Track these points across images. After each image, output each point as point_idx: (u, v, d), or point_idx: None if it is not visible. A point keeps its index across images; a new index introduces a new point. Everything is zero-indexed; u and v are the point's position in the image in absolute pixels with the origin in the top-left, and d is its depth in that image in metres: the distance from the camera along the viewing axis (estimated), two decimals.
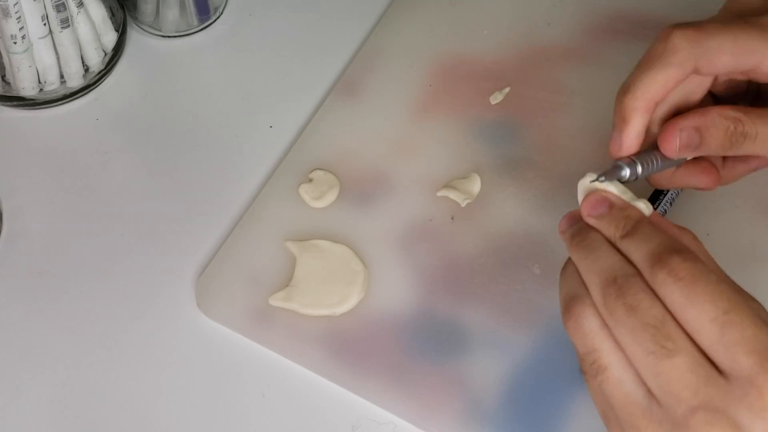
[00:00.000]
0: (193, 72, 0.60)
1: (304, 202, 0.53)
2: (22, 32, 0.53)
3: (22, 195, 0.55)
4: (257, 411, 0.48)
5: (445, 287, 0.50)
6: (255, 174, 0.55)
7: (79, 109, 0.58)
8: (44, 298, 0.51)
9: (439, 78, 0.58)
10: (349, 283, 0.50)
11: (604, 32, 0.59)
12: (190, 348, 0.50)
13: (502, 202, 0.53)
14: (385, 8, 0.61)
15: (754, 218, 0.52)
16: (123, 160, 0.56)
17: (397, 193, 0.53)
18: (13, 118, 0.58)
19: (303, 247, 0.51)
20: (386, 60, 0.58)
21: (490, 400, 0.47)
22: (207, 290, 0.51)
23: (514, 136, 0.55)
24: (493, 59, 0.58)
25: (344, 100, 0.57)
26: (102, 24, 0.57)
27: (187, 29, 0.61)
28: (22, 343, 0.50)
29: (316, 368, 0.48)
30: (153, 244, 0.53)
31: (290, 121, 0.57)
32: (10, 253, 0.53)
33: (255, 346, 0.49)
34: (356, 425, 0.47)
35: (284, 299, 0.50)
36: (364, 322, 0.49)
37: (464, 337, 0.49)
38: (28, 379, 0.49)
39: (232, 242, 0.52)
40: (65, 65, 0.56)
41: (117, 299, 0.51)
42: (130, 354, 0.50)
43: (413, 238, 0.52)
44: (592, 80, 0.57)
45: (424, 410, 0.47)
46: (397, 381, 0.48)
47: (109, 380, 0.49)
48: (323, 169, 0.54)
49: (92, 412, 0.48)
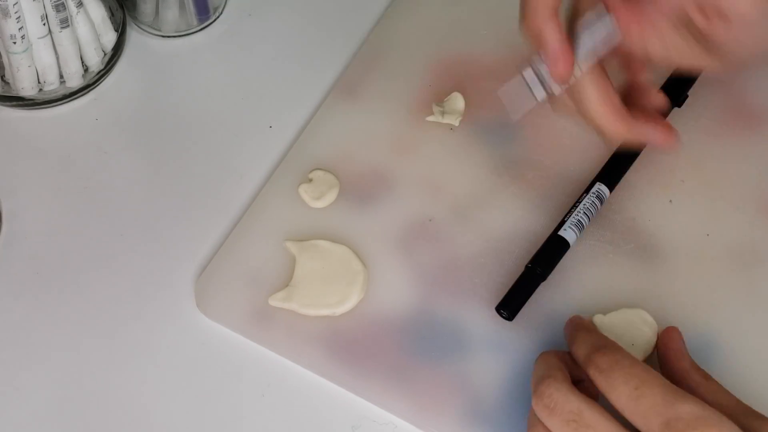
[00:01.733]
0: (193, 72, 0.60)
1: (304, 202, 0.53)
2: (21, 32, 0.53)
3: (21, 195, 0.55)
4: (257, 411, 0.48)
5: (445, 287, 0.50)
6: (255, 174, 0.55)
7: (78, 109, 0.58)
8: (44, 298, 0.51)
9: (438, 78, 0.58)
10: (349, 283, 0.50)
11: None
12: (189, 348, 0.50)
13: (502, 202, 0.53)
14: (385, 8, 0.61)
15: (754, 218, 0.52)
16: (123, 160, 0.56)
17: (396, 193, 0.53)
18: (12, 118, 0.58)
19: (303, 247, 0.51)
20: (386, 60, 0.58)
21: (490, 400, 0.47)
22: (207, 290, 0.51)
23: (514, 136, 0.55)
24: (494, 59, 0.58)
25: (344, 100, 0.57)
26: (101, 24, 0.57)
27: (186, 29, 0.61)
28: (21, 343, 0.50)
29: (316, 368, 0.48)
30: (153, 244, 0.53)
31: (290, 121, 0.57)
32: (9, 253, 0.53)
33: (254, 347, 0.49)
34: (356, 425, 0.47)
35: (284, 299, 0.50)
36: (364, 322, 0.49)
37: (464, 337, 0.49)
38: (28, 379, 0.49)
39: (232, 242, 0.52)
40: (65, 65, 0.56)
41: (116, 299, 0.51)
42: (129, 354, 0.50)
43: (413, 238, 0.52)
44: None
45: (424, 410, 0.47)
46: (397, 381, 0.48)
47: (108, 380, 0.49)
48: (323, 169, 0.54)
49: (92, 412, 0.48)
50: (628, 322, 0.48)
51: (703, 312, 0.49)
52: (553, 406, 0.39)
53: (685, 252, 0.51)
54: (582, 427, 0.38)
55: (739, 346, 0.48)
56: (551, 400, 0.40)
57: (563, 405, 0.39)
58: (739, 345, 0.48)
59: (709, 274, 0.50)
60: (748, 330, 0.49)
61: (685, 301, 0.49)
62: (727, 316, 0.49)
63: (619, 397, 0.38)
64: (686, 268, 0.51)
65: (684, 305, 0.49)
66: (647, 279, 0.50)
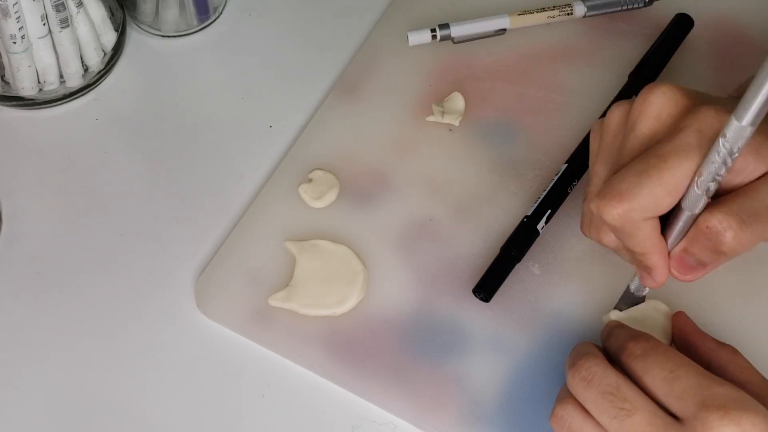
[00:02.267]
0: (193, 72, 0.60)
1: (304, 202, 0.53)
2: (21, 32, 0.53)
3: (21, 195, 0.55)
4: (257, 411, 0.48)
5: (445, 287, 0.50)
6: (255, 174, 0.55)
7: (78, 109, 0.58)
8: (44, 298, 0.51)
9: (438, 78, 0.58)
10: (349, 283, 0.50)
11: (604, 32, 0.59)
12: (189, 348, 0.50)
13: (502, 202, 0.53)
14: (385, 8, 0.61)
15: None
16: (123, 160, 0.56)
17: (396, 193, 0.53)
18: (12, 118, 0.58)
19: (303, 247, 0.51)
20: (386, 60, 0.58)
21: (490, 400, 0.47)
22: (206, 290, 0.51)
23: (514, 136, 0.55)
24: (494, 59, 0.58)
25: (344, 100, 0.57)
26: (101, 24, 0.57)
27: (186, 29, 0.61)
28: (21, 343, 0.50)
29: (316, 368, 0.48)
30: (153, 244, 0.53)
31: (290, 121, 0.57)
32: (9, 253, 0.53)
33: (255, 347, 0.49)
34: (356, 425, 0.47)
35: (284, 299, 0.50)
36: (364, 322, 0.49)
37: (464, 337, 0.49)
38: (28, 379, 0.49)
39: (232, 242, 0.52)
40: (65, 65, 0.56)
41: (116, 299, 0.51)
42: (129, 354, 0.50)
43: (413, 238, 0.52)
44: (592, 80, 0.57)
45: (424, 410, 0.47)
46: (397, 381, 0.48)
47: (108, 380, 0.49)
48: (323, 169, 0.54)
49: (92, 412, 0.48)
50: (643, 314, 0.48)
51: (703, 312, 0.49)
52: (591, 378, 0.39)
53: None
54: (619, 400, 0.38)
55: (738, 346, 0.48)
56: (589, 373, 0.40)
57: (601, 378, 0.39)
58: (739, 345, 0.48)
59: (709, 273, 0.50)
60: (748, 330, 0.49)
61: (685, 301, 0.49)
62: (727, 316, 0.49)
63: (653, 379, 0.39)
64: None
65: (684, 305, 0.49)
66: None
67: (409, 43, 0.58)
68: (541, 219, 0.51)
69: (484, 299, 0.49)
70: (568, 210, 0.52)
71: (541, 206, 0.51)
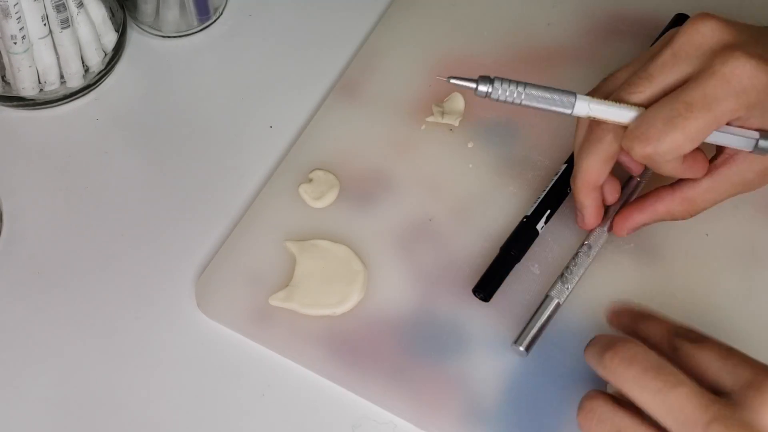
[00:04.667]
0: (193, 72, 0.60)
1: (304, 202, 0.53)
2: (22, 32, 0.53)
3: (22, 195, 0.55)
4: (257, 411, 0.48)
5: (445, 287, 0.50)
6: (255, 174, 0.55)
7: (79, 109, 0.58)
8: (44, 298, 0.51)
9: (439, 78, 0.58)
10: (349, 283, 0.50)
11: (604, 32, 0.59)
12: (190, 348, 0.50)
13: (502, 202, 0.53)
14: (385, 8, 0.61)
15: (754, 218, 0.52)
16: (123, 160, 0.56)
17: (397, 193, 0.53)
18: (13, 118, 0.58)
19: (303, 247, 0.51)
20: (386, 60, 0.58)
21: (490, 400, 0.47)
22: (207, 290, 0.51)
23: (514, 136, 0.55)
24: (494, 59, 0.58)
25: (344, 100, 0.57)
26: (102, 24, 0.57)
27: (187, 29, 0.61)
28: (21, 343, 0.50)
29: (316, 368, 0.48)
30: (153, 244, 0.53)
31: (290, 121, 0.57)
32: (9, 253, 0.53)
33: (255, 346, 0.49)
34: (356, 425, 0.47)
35: (284, 299, 0.50)
36: (364, 322, 0.49)
37: (464, 337, 0.49)
38: (28, 379, 0.49)
39: (232, 242, 0.52)
40: (65, 65, 0.56)
41: (117, 299, 0.51)
42: (129, 354, 0.50)
43: (413, 238, 0.52)
44: (592, 80, 0.57)
45: (424, 410, 0.47)
46: (397, 381, 0.48)
47: (108, 380, 0.49)
48: (323, 169, 0.54)
49: (92, 412, 0.48)
50: None
51: (703, 312, 0.49)
52: (633, 356, 0.39)
53: (685, 252, 0.51)
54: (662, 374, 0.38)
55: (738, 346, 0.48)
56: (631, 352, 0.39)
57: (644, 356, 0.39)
58: (739, 345, 0.48)
59: (708, 274, 0.51)
60: (748, 330, 0.49)
61: (685, 301, 0.49)
62: (726, 316, 0.49)
63: (708, 354, 0.39)
64: (686, 267, 0.51)
65: (684, 305, 0.49)
66: (647, 278, 0.50)
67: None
68: (540, 219, 0.51)
69: (484, 299, 0.49)
70: (567, 210, 0.52)
71: (541, 206, 0.51)
